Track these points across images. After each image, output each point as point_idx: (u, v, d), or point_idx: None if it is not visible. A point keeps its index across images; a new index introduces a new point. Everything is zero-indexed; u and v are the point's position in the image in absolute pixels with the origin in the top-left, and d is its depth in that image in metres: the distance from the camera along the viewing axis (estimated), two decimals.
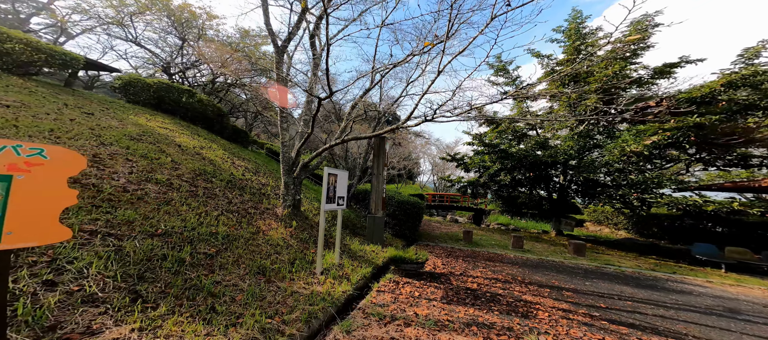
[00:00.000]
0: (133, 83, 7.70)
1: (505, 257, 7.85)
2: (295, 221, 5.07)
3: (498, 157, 12.37)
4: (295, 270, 3.71)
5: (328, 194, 4.13)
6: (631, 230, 14.35)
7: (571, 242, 8.39)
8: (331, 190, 4.18)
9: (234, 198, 4.59)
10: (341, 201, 4.64)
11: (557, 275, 5.99)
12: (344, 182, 4.74)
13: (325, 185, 4.04)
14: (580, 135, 10.67)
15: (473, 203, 19.42)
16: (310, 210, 6.51)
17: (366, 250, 6.21)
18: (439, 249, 8.16)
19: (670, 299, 4.68)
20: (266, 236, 4.09)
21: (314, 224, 5.84)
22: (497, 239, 11.17)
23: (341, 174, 4.58)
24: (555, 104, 14.50)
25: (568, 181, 11.47)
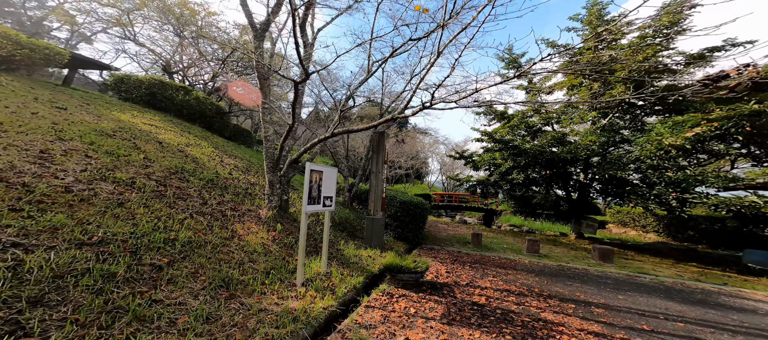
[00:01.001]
0: (124, 80, 7.50)
1: (519, 264, 7.07)
2: (280, 224, 4.57)
3: (510, 155, 11.49)
4: (270, 282, 3.19)
5: (311, 193, 3.59)
6: (661, 233, 13.07)
7: (595, 247, 7.49)
8: (314, 189, 3.64)
9: (211, 199, 4.14)
10: (329, 202, 4.10)
11: (582, 287, 5.19)
12: (332, 180, 4.20)
13: (307, 184, 3.50)
14: (603, 129, 9.66)
15: (483, 203, 18.48)
16: (301, 212, 6.02)
17: (362, 255, 5.64)
18: (444, 254, 7.48)
19: (731, 321, 3.82)
20: (242, 242, 3.60)
21: None
22: (509, 243, 10.33)
23: (328, 171, 4.04)
24: (574, 97, 13.43)
25: (589, 179, 10.46)
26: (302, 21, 5.32)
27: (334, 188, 4.23)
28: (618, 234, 15.24)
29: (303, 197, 3.46)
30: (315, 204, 3.66)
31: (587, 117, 10.73)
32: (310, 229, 5.44)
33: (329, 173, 4.07)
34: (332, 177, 4.18)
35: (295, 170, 5.10)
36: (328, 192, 4.05)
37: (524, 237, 12.04)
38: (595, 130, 10.14)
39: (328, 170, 4.05)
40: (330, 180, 4.10)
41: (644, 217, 14.00)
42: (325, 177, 3.95)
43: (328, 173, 4.05)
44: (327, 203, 4.00)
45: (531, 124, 13.88)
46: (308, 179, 3.48)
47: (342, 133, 4.86)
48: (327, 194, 4.00)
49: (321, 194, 3.79)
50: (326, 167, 3.99)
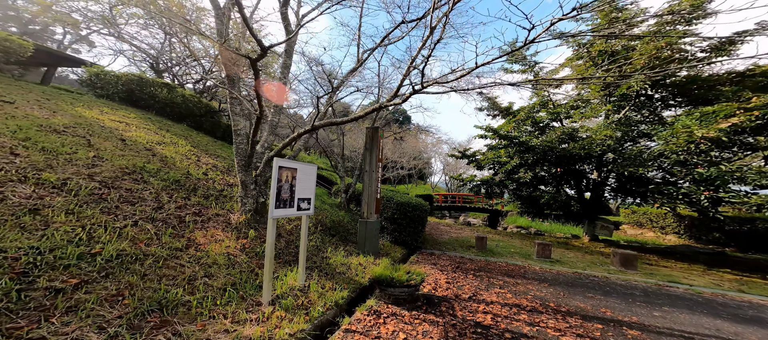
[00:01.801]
0: (100, 76, 7.04)
1: (529, 271, 6.36)
2: (253, 230, 3.98)
3: (516, 152, 10.75)
4: (226, 301, 2.59)
5: (281, 194, 2.98)
6: (683, 235, 12.14)
7: (615, 252, 6.72)
8: (285, 190, 3.03)
9: (170, 202, 3.57)
10: (306, 204, 3.49)
11: (606, 300, 4.47)
12: (310, 180, 3.59)
13: (275, 183, 2.90)
14: (619, 123, 8.87)
15: (488, 203, 17.70)
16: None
17: (351, 264, 5.02)
18: (445, 260, 6.81)
19: None
20: (200, 252, 3.02)
21: (284, 233, 4.73)
22: (517, 246, 9.58)
23: (304, 169, 3.43)
24: (585, 91, 12.61)
25: (603, 177, 9.66)
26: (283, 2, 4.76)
27: (312, 188, 3.63)
28: (634, 236, 14.32)
29: (270, 198, 2.85)
30: (286, 207, 3.06)
31: (600, 110, 9.95)
32: (292, 235, 4.84)
33: (306, 170, 3.47)
34: (310, 176, 3.58)
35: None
36: (305, 193, 3.44)
37: (533, 240, 11.26)
38: (609, 124, 9.36)
39: (304, 168, 3.45)
40: (307, 179, 3.49)
41: (663, 217, 13.08)
42: (301, 175, 3.35)
43: (305, 171, 3.44)
44: (303, 206, 3.40)
45: (538, 120, 13.10)
46: (276, 177, 2.89)
47: (324, 126, 4.26)
48: (303, 196, 3.39)
49: (294, 195, 3.19)
50: (302, 164, 3.39)
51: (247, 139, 3.81)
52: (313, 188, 3.65)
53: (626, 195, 9.11)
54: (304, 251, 3.49)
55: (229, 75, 3.68)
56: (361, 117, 4.24)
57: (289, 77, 5.54)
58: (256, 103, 3.16)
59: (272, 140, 5.02)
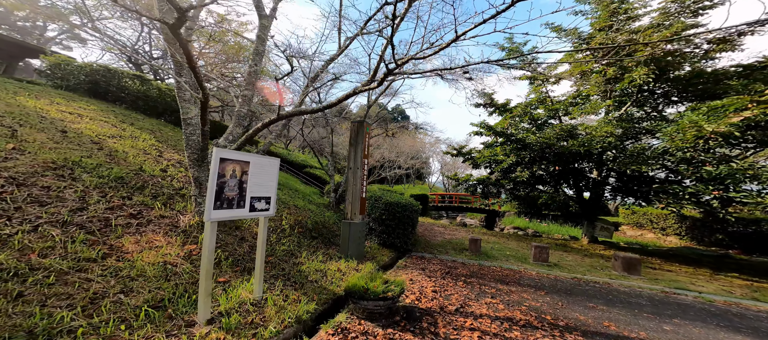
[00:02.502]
0: (61, 66, 6.48)
1: (525, 276, 5.88)
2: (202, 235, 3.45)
3: (513, 149, 10.29)
4: (140, 323, 2.07)
5: (223, 192, 2.46)
6: (684, 236, 11.74)
7: (617, 255, 6.26)
8: (229, 186, 2.51)
9: (100, 203, 3.04)
10: (263, 204, 2.97)
11: (610, 310, 3.99)
12: (269, 175, 3.07)
13: (214, 179, 2.37)
14: (621, 119, 8.41)
15: (485, 203, 17.25)
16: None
17: (328, 270, 4.51)
18: (435, 264, 6.32)
19: None
20: (123, 262, 2.49)
21: (250, 236, 4.20)
22: (513, 248, 9.11)
23: (260, 162, 2.92)
24: (584, 86, 12.17)
25: (603, 176, 9.21)
26: None
27: (272, 185, 3.11)
28: (633, 237, 13.91)
29: (207, 197, 2.33)
30: (232, 207, 2.54)
31: (600, 107, 9.50)
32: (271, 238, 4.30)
33: (263, 164, 2.94)
34: (269, 171, 3.06)
35: None
36: (261, 191, 2.92)
37: (530, 242, 10.79)
38: (609, 120, 8.91)
39: (261, 161, 2.93)
40: (264, 175, 2.97)
41: (664, 218, 12.67)
42: (256, 170, 2.83)
43: (262, 165, 2.92)
44: (258, 206, 2.87)
45: (536, 117, 12.65)
46: (216, 171, 2.36)
47: (292, 115, 3.75)
48: (258, 194, 2.87)
49: (244, 193, 2.67)
50: (258, 157, 2.87)
51: (198, 129, 3.29)
52: (274, 186, 3.13)
53: (628, 195, 8.67)
54: (261, 258, 2.98)
55: (172, 55, 3.15)
56: (333, 105, 3.73)
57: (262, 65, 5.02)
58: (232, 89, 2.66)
59: (241, 133, 4.49)
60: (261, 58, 5.24)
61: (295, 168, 16.86)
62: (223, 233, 3.74)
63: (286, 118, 3.64)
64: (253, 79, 4.90)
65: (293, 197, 8.36)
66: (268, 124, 3.62)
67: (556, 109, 11.95)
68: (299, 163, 17.38)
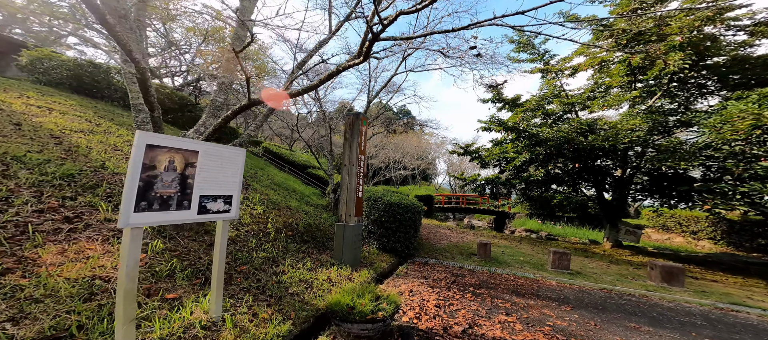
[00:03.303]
0: (42, 60, 6.19)
1: (543, 286, 5.14)
2: (161, 241, 2.92)
3: (526, 145, 9.49)
4: None
5: (157, 190, 1.90)
6: (719, 241, 10.59)
7: (654, 264, 5.42)
8: (164, 182, 1.94)
9: (29, 203, 2.54)
10: (220, 205, 2.40)
11: (659, 333, 3.23)
12: (231, 169, 2.50)
13: (136, 171, 1.81)
14: (650, 111, 7.51)
15: (494, 205, 16.37)
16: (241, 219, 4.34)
17: (316, 280, 3.93)
18: (440, 271, 5.65)
19: None
20: (32, 278, 1.96)
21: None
22: (527, 253, 8.31)
23: (217, 152, 2.35)
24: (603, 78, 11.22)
25: (630, 175, 8.29)
26: None
27: (235, 182, 2.53)
28: (659, 241, 12.78)
29: (123, 195, 1.77)
30: (170, 209, 1.96)
31: (624, 99, 8.58)
32: (237, 244, 3.75)
33: (220, 156, 2.37)
34: (231, 165, 2.49)
35: None
36: (216, 189, 2.35)
37: (545, 246, 9.92)
38: (635, 114, 7.99)
39: (217, 152, 2.35)
40: (222, 169, 2.40)
41: (695, 221, 11.52)
42: (207, 163, 2.25)
43: (217, 157, 2.35)
44: (212, 208, 2.30)
45: (550, 112, 11.77)
46: (139, 162, 1.78)
47: (261, 102, 3.20)
48: (211, 192, 2.30)
49: (189, 191, 2.10)
50: (210, 146, 2.30)
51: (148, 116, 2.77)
52: (238, 182, 2.56)
53: (661, 196, 7.72)
54: (218, 270, 2.41)
55: (115, 36, 2.63)
56: (315, 87, 3.15)
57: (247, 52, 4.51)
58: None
59: (212, 123, 3.99)
60: (241, 44, 4.76)
61: (297, 168, 16.48)
62: (186, 239, 3.20)
63: (257, 105, 3.09)
64: (232, 66, 4.39)
65: (288, 198, 7.85)
66: (238, 112, 3.07)
67: (572, 103, 11.06)
68: (301, 164, 17.00)
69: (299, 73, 4.34)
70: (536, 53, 12.67)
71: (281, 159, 17.37)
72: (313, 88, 3.20)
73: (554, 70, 12.01)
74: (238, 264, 3.34)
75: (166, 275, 2.55)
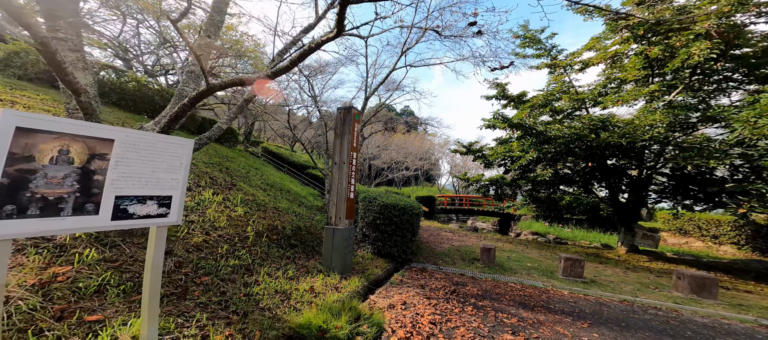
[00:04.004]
0: (20, 54, 5.89)
1: (555, 297, 4.59)
2: (95, 250, 2.48)
3: (533, 143, 8.90)
4: None
5: (34, 189, 1.43)
6: (744, 246, 9.80)
7: (682, 273, 4.80)
8: (42, 178, 1.47)
9: None
10: (149, 208, 1.90)
11: None
12: (169, 163, 2.03)
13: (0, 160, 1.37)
14: (670, 105, 6.87)
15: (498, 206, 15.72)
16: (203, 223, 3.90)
17: (296, 290, 3.47)
18: (438, 279, 5.12)
19: None
20: None
21: (182, 250, 3.21)
22: (534, 258, 7.72)
23: (143, 141, 1.88)
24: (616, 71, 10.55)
25: (648, 175, 7.64)
26: None
27: (177, 180, 2.05)
28: (677, 245, 11.99)
29: None
30: (62, 214, 1.48)
31: (641, 93, 7.94)
32: (212, 251, 3.29)
33: (152, 147, 1.89)
34: (170, 158, 2.00)
35: None
36: (146, 188, 1.86)
37: (553, 250, 9.28)
38: (653, 109, 7.33)
39: (147, 141, 1.87)
40: (154, 163, 1.91)
41: (716, 224, 10.74)
42: (131, 156, 1.77)
43: (148, 148, 1.86)
44: (137, 212, 1.82)
45: (558, 109, 11.13)
46: (4, 151, 1.33)
47: (226, 86, 2.76)
48: (137, 192, 1.81)
49: (96, 191, 1.64)
50: (137, 134, 1.83)
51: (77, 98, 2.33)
52: (180, 180, 2.09)
53: (684, 198, 7.04)
54: (152, 286, 1.93)
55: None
56: (288, 68, 2.69)
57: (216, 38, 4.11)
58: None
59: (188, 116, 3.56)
60: (217, 31, 4.34)
61: (297, 169, 16.18)
62: (135, 247, 2.76)
63: (218, 89, 2.64)
64: (203, 53, 3.97)
65: (278, 199, 7.42)
66: (196, 100, 2.63)
67: (582, 99, 10.42)
68: (301, 164, 16.70)
69: (280, 60, 3.89)
70: (543, 48, 12.05)
71: (281, 159, 17.08)
72: (287, 70, 2.74)
73: (563, 64, 11.38)
74: (198, 275, 2.88)
75: (94, 291, 2.10)
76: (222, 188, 5.48)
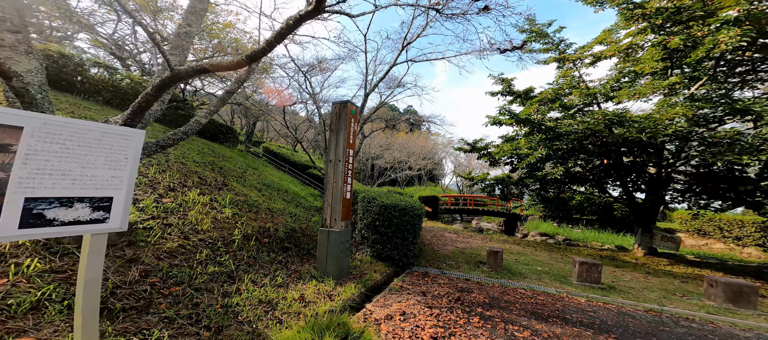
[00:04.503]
0: None
1: (570, 305, 4.16)
2: (39, 259, 2.15)
3: (542, 140, 8.42)
4: None
5: None
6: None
7: (715, 280, 4.31)
8: None
9: None
10: (77, 211, 1.52)
11: None
12: (106, 158, 1.68)
13: None
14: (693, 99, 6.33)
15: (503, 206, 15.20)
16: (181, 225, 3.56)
17: (282, 299, 3.13)
18: (441, 285, 4.72)
19: None
20: None
21: (150, 257, 2.87)
22: (544, 261, 7.25)
23: (67, 130, 1.52)
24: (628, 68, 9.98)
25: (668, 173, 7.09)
26: None
27: (119, 177, 1.70)
28: (696, 247, 11.33)
29: None
30: None
31: (660, 86, 7.38)
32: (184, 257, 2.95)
33: (73, 136, 1.52)
34: (96, 153, 1.63)
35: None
36: (64, 188, 1.50)
37: (565, 252, 8.77)
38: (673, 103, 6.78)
39: (59, 128, 1.49)
40: (74, 158, 1.54)
41: (739, 225, 10.08)
42: (38, 147, 1.39)
43: (62, 138, 1.47)
44: (60, 218, 1.44)
45: (568, 104, 10.61)
46: None
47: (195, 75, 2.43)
48: (59, 193, 1.44)
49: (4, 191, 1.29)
50: (44, 118, 1.46)
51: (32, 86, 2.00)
52: (124, 178, 1.73)
53: (711, 197, 6.49)
54: (85, 303, 1.59)
55: None
56: (266, 51, 2.34)
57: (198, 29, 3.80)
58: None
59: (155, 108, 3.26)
60: (199, 20, 4.02)
61: (298, 169, 15.97)
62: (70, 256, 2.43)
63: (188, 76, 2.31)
64: (182, 43, 3.66)
65: (274, 199, 7.11)
66: (160, 89, 2.31)
67: (593, 94, 9.87)
68: (302, 164, 16.47)
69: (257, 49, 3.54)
70: (551, 42, 11.52)
71: (282, 159, 16.88)
72: (264, 52, 2.40)
73: (572, 58, 10.85)
74: (168, 285, 2.54)
75: (29, 308, 1.77)
76: (211, 188, 5.18)
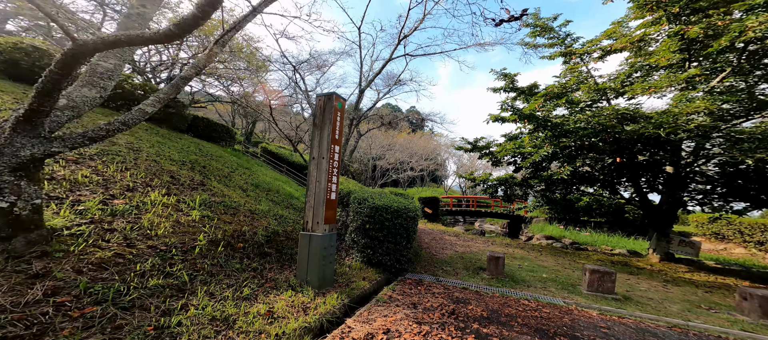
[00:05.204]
0: None
1: (580, 319, 3.66)
2: None
3: (548, 137, 7.87)
4: None
5: None
6: None
7: (749, 292, 3.75)
8: None
9: None
10: None
11: None
12: None
13: None
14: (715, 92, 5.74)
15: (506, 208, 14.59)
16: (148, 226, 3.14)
17: (243, 316, 2.70)
18: (436, 294, 4.24)
19: None
20: None
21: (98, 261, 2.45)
22: (550, 267, 6.70)
23: None
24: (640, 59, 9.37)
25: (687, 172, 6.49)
26: None
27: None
28: (713, 252, 10.62)
29: None
30: None
31: (678, 79, 6.77)
32: (105, 270, 2.53)
33: None
34: None
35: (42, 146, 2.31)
36: None
37: (573, 258, 8.18)
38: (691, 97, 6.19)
39: None
40: None
41: (761, 229, 9.37)
42: None
43: None
44: None
45: (576, 101, 10.02)
46: None
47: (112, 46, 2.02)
48: None
49: None
50: None
51: None
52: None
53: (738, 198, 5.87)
54: None
55: None
56: (189, 23, 1.92)
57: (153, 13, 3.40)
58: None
59: (93, 96, 2.85)
60: (156, 6, 3.65)
61: (296, 169, 15.71)
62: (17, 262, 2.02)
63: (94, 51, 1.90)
64: (133, 25, 3.27)
65: (260, 200, 6.68)
66: (64, 66, 1.89)
67: (603, 90, 9.29)
68: (300, 165, 16.20)
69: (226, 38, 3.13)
70: (556, 37, 10.94)
71: (280, 160, 16.60)
72: (195, 22, 1.97)
73: (579, 53, 10.26)
74: (82, 304, 2.10)
75: None
76: (183, 188, 4.78)
